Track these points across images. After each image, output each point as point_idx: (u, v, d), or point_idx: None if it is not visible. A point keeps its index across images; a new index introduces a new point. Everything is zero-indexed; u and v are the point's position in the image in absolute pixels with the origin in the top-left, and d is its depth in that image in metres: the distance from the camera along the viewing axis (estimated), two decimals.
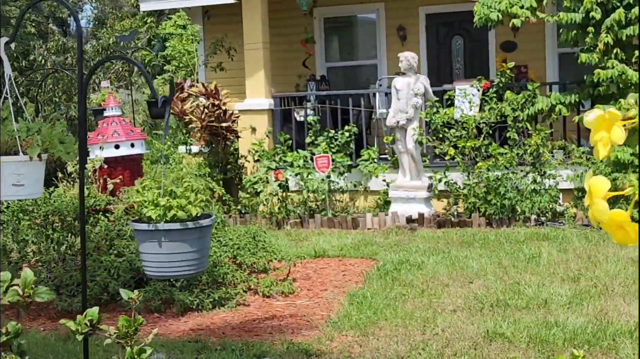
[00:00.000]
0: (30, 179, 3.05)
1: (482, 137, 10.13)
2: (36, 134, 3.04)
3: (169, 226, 3.13)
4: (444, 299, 6.33)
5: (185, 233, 3.14)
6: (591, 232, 8.88)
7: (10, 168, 2.97)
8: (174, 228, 3.14)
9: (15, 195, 3.14)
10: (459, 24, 13.37)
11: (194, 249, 3.11)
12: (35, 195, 3.27)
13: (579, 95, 10.12)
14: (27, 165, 3.01)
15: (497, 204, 9.58)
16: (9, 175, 2.95)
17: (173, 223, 3.15)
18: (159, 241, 3.04)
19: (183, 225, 3.13)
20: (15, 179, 2.97)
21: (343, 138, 10.97)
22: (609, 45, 9.64)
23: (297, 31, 13.86)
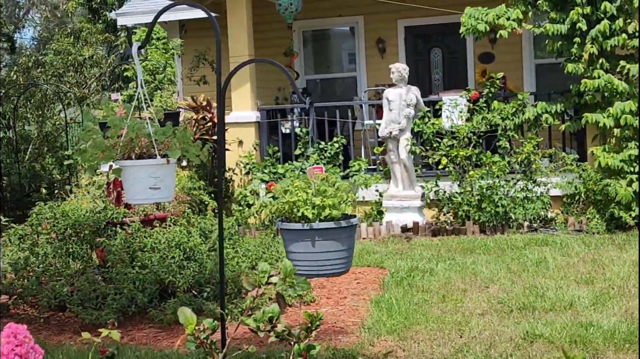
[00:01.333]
0: (165, 182, 3.05)
1: (472, 146, 10.32)
2: (172, 137, 3.04)
3: (324, 225, 3.15)
4: (467, 304, 6.44)
5: (338, 231, 3.18)
6: (586, 237, 9.12)
7: (147, 171, 2.97)
8: (329, 226, 3.16)
9: (152, 199, 3.14)
10: (437, 36, 13.62)
11: (344, 247, 3.15)
12: (168, 199, 3.27)
13: (564, 104, 10.38)
14: (163, 168, 3.01)
15: (490, 211, 9.76)
16: (146, 178, 2.95)
17: (327, 222, 3.18)
18: (313, 240, 3.07)
19: (337, 224, 3.17)
20: (152, 182, 2.96)
21: (333, 150, 11.06)
22: (594, 56, 9.93)
23: (276, 44, 13.94)
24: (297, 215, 3.09)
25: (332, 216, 3.03)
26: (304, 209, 3.05)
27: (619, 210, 9.35)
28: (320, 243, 2.96)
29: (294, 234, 3.08)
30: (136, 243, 6.70)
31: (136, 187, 2.97)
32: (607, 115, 9.77)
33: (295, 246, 3.14)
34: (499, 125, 10.40)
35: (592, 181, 9.61)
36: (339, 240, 2.98)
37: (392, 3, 12.61)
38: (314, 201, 3.09)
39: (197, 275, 6.50)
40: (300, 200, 3.13)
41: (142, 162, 3.02)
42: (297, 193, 3.17)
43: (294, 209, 3.12)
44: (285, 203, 3.24)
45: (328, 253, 2.98)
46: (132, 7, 14.44)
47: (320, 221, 3.02)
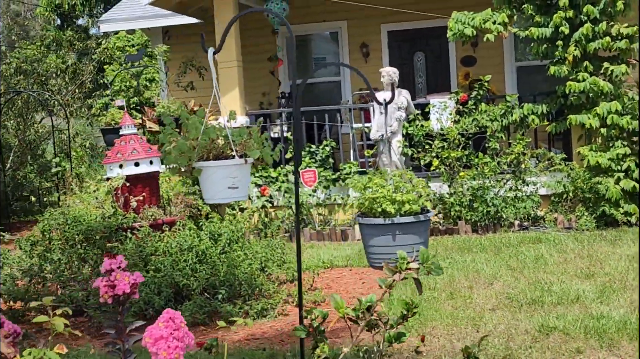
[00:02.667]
0: (242, 182, 3.15)
1: (460, 147, 10.52)
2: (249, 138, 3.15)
3: (404, 220, 3.28)
4: (476, 300, 6.61)
5: (416, 225, 3.31)
6: (577, 234, 9.36)
7: (227, 171, 3.07)
8: (409, 221, 3.29)
9: (230, 197, 3.24)
10: (420, 41, 13.82)
11: (422, 240, 3.28)
12: (244, 197, 3.36)
13: (549, 106, 10.63)
14: (241, 168, 3.11)
15: (482, 211, 9.96)
16: (225, 178, 3.05)
17: (407, 216, 3.31)
18: (393, 234, 3.19)
19: (416, 218, 3.29)
20: (230, 182, 3.06)
21: (324, 153, 11.19)
22: (578, 58, 10.19)
23: (259, 50, 14.04)
24: (378, 211, 3.20)
25: (412, 210, 3.15)
26: (385, 204, 3.17)
27: (610, 207, 9.61)
28: (400, 236, 3.08)
29: (375, 229, 3.20)
30: (148, 247, 6.77)
31: (216, 187, 3.07)
32: (593, 115, 10.03)
33: (376, 241, 3.26)
34: (487, 127, 10.61)
35: (581, 180, 9.86)
36: (417, 233, 3.11)
37: (375, 8, 12.80)
38: (394, 197, 3.20)
39: (211, 278, 6.60)
40: (381, 196, 3.24)
41: (222, 162, 3.12)
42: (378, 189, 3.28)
43: (374, 205, 3.23)
44: (366, 199, 3.35)
45: (407, 246, 3.09)
46: (115, 14, 14.47)
47: (400, 215, 3.13)
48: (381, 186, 3.29)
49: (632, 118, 9.90)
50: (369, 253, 3.41)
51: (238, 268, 6.76)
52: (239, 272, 6.70)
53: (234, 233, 7.21)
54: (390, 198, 3.18)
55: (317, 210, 11.14)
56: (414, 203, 3.18)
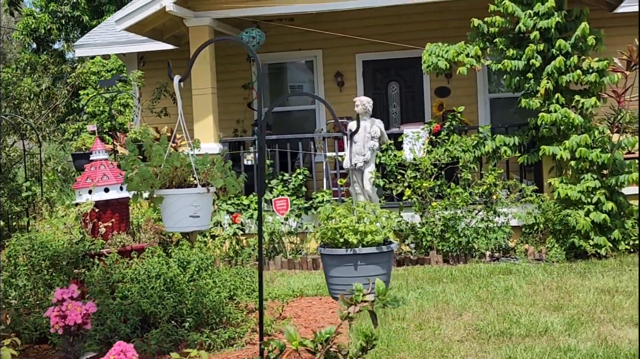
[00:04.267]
0: (204, 211, 3.12)
1: (433, 177, 10.56)
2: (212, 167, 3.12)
3: (366, 250, 3.26)
4: (445, 331, 6.59)
5: (379, 256, 3.28)
6: (547, 266, 9.40)
7: (188, 199, 3.04)
8: (371, 251, 3.27)
9: (192, 227, 3.19)
10: (394, 71, 13.90)
11: (384, 271, 3.25)
12: (206, 227, 3.32)
13: (521, 137, 10.72)
14: (203, 197, 3.08)
15: (454, 241, 9.98)
16: (186, 207, 3.02)
17: (370, 247, 3.28)
18: (355, 265, 3.17)
19: (379, 248, 3.27)
20: (192, 211, 3.03)
21: (297, 181, 11.18)
22: (550, 90, 10.31)
23: (234, 77, 14.06)
24: (340, 241, 3.17)
25: (375, 241, 3.12)
26: (347, 235, 3.14)
27: (579, 239, 9.67)
28: (362, 267, 3.05)
29: (336, 259, 3.17)
30: (116, 274, 6.70)
31: (177, 215, 3.04)
32: (563, 147, 10.12)
33: (337, 271, 3.23)
34: (459, 158, 10.67)
35: (551, 212, 9.92)
36: (380, 264, 3.08)
37: (350, 37, 12.88)
38: (357, 227, 3.18)
39: (179, 306, 6.53)
40: (343, 226, 3.22)
41: (184, 190, 3.09)
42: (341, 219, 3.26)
43: (336, 235, 3.20)
44: (328, 230, 3.32)
45: (369, 277, 3.06)
46: (90, 39, 14.44)
47: (363, 246, 3.11)
48: (344, 217, 3.27)
49: (601, 152, 10.00)
50: (330, 284, 3.38)
51: (206, 296, 6.69)
52: (207, 300, 6.63)
53: (203, 260, 7.15)
54: (353, 229, 3.16)
55: (289, 239, 11.10)
56: (376, 234, 3.16)
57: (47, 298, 6.64)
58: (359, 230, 3.15)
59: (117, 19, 11.60)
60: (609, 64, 10.14)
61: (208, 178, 3.15)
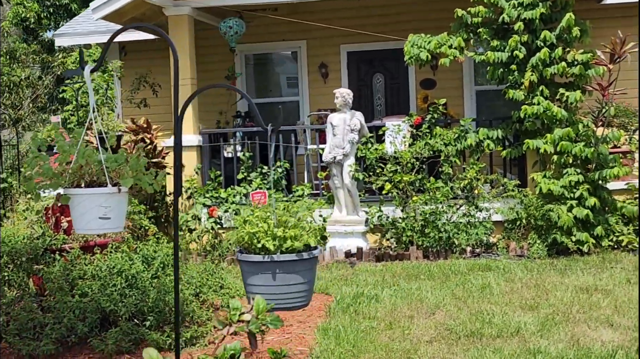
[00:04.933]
0: (115, 212, 2.91)
1: (415, 171, 10.35)
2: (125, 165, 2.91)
3: (285, 257, 3.04)
4: (414, 331, 6.40)
5: (299, 263, 3.07)
6: (528, 262, 9.21)
7: (97, 200, 2.83)
8: (290, 259, 3.05)
9: (101, 229, 2.99)
10: (379, 62, 13.71)
11: (305, 280, 3.03)
12: (118, 229, 3.12)
13: (505, 131, 10.51)
14: (114, 197, 2.88)
15: (434, 237, 9.78)
16: (96, 208, 2.81)
17: (289, 254, 3.07)
18: (273, 273, 2.95)
19: (299, 256, 3.05)
20: (102, 212, 2.83)
21: (276, 174, 10.97)
22: (534, 83, 10.09)
23: (217, 67, 13.83)
24: (257, 246, 2.95)
25: (294, 247, 2.90)
26: (264, 240, 2.93)
27: (561, 235, 9.47)
28: (281, 276, 2.83)
29: (253, 266, 2.95)
30: (76, 270, 6.49)
31: (86, 217, 2.83)
32: (546, 141, 9.91)
33: (254, 279, 3.01)
34: (441, 151, 10.46)
35: (534, 207, 9.73)
36: (300, 273, 2.86)
37: (334, 28, 12.66)
38: (275, 232, 2.96)
39: (140, 303, 6.32)
40: (260, 231, 3.00)
41: (92, 190, 2.89)
42: (258, 223, 3.04)
43: (253, 240, 2.99)
44: (245, 234, 3.10)
45: (289, 286, 2.85)
46: (71, 28, 14.20)
47: (281, 253, 2.89)
48: (262, 220, 3.06)
49: (585, 146, 9.79)
50: (248, 293, 3.17)
51: (169, 293, 6.48)
52: (170, 298, 6.42)
53: (168, 256, 6.93)
54: (271, 234, 2.94)
55: None
56: (297, 239, 2.94)
57: (5, 295, 6.43)
58: (277, 235, 2.93)
59: (94, 7, 11.35)
60: (593, 57, 9.92)
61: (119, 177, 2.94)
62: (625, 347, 5.64)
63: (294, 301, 3.07)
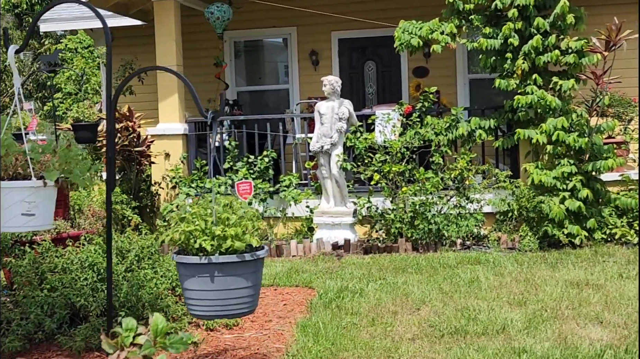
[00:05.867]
0: (41, 208, 2.67)
1: (405, 161, 10.12)
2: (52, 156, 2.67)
3: (224, 259, 2.79)
4: (397, 328, 6.17)
5: (241, 266, 2.82)
6: (519, 255, 8.98)
7: (20, 195, 2.58)
8: (231, 260, 2.80)
9: (25, 226, 2.74)
10: (371, 49, 13.46)
11: (249, 284, 2.79)
12: (46, 226, 2.89)
13: (497, 120, 10.27)
14: (39, 191, 2.63)
15: (423, 229, 9.55)
16: (18, 204, 2.57)
17: (229, 255, 2.82)
18: (212, 276, 2.71)
19: (240, 257, 2.81)
20: (25, 208, 2.59)
21: (262, 164, 10.75)
22: (526, 71, 9.84)
23: (206, 54, 13.59)
24: (194, 247, 2.74)
25: (235, 248, 2.69)
26: (201, 240, 2.71)
27: (553, 228, 9.24)
28: (220, 279, 2.60)
29: (189, 268, 2.72)
30: (46, 263, 6.26)
31: (8, 213, 2.58)
32: (539, 131, 9.67)
33: (191, 283, 2.78)
34: (432, 141, 10.22)
35: (525, 199, 9.49)
36: (243, 276, 2.64)
37: (325, 15, 12.39)
38: (213, 231, 2.75)
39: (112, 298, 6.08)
40: (197, 230, 2.78)
41: (12, 183, 2.63)
42: (195, 221, 2.82)
43: (190, 240, 2.77)
44: (181, 233, 2.88)
45: (230, 291, 2.62)
46: (56, 14, 13.91)
47: (220, 254, 2.66)
48: (200, 218, 2.84)
49: (579, 136, 9.55)
50: (186, 298, 2.94)
51: (144, 287, 6.26)
52: (144, 293, 6.20)
53: (144, 249, 6.70)
54: (209, 232, 2.73)
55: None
56: (237, 239, 2.73)
57: None
58: (215, 234, 2.72)
59: None
60: (587, 44, 9.66)
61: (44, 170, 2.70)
62: (614, 346, 5.42)
63: (236, 308, 2.83)
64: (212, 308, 2.93)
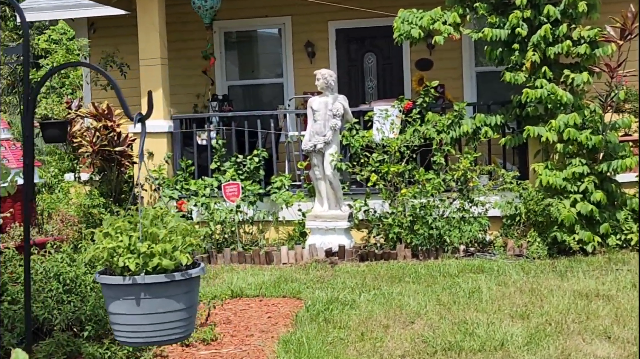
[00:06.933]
0: None
1: (405, 161, 9.99)
2: None
3: (151, 279, 2.68)
4: (388, 343, 6.06)
5: (171, 286, 2.70)
6: (526, 263, 8.85)
7: None
8: (158, 281, 2.69)
9: None
10: (371, 41, 13.35)
11: (181, 307, 2.67)
12: None
13: (504, 116, 10.14)
14: None
15: (424, 234, 9.44)
16: None
17: (157, 275, 2.71)
18: (137, 299, 2.59)
19: (169, 277, 2.69)
20: None
21: (252, 164, 10.64)
22: (536, 64, 9.70)
23: (195, 46, 13.47)
24: (119, 266, 2.62)
25: (163, 267, 2.56)
26: (125, 258, 2.59)
27: (562, 233, 9.10)
28: (147, 302, 2.47)
29: (113, 290, 2.59)
30: (7, 273, 6.15)
31: None
32: (549, 128, 9.53)
33: (116, 306, 2.65)
34: (434, 139, 10.10)
35: (533, 201, 9.35)
36: (174, 298, 2.50)
37: (322, 3, 12.28)
38: (139, 247, 2.63)
39: (78, 311, 5.99)
40: (121, 246, 2.66)
41: None
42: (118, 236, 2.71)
43: (114, 257, 2.66)
44: (102, 250, 2.75)
45: (159, 314, 2.49)
46: (35, 2, 13.83)
47: (147, 273, 2.54)
48: (125, 233, 2.73)
49: (592, 133, 9.40)
50: (111, 323, 2.82)
51: None
52: None
53: None
54: (134, 249, 2.61)
55: (244, 228, 10.55)
56: (165, 256, 2.59)
57: None
58: (141, 250, 2.60)
59: None
60: (601, 33, 9.51)
61: None
62: None
63: (166, 334, 2.70)
64: (139, 333, 2.80)
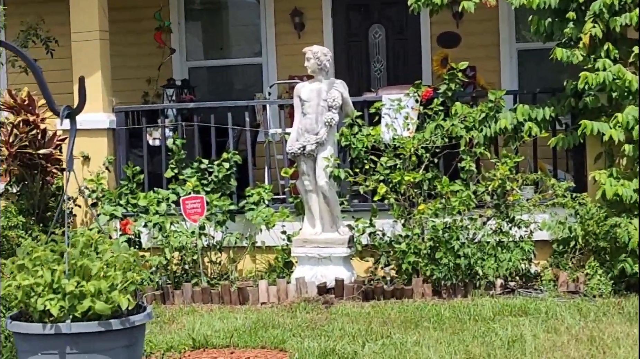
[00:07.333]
0: None
1: (423, 167, 10.06)
2: None
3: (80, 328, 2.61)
4: None
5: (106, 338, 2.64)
6: (583, 302, 8.97)
7: None
8: (90, 330, 2.63)
9: None
10: (378, 9, 13.49)
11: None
12: None
13: (555, 109, 10.21)
14: None
15: (448, 264, 9.51)
16: None
17: (87, 323, 2.64)
18: (62, 353, 2.53)
19: (104, 325, 2.63)
20: None
21: (221, 172, 10.74)
22: (597, 39, 9.76)
23: (145, 15, 13.64)
24: (37, 309, 2.53)
25: (97, 312, 2.48)
26: (46, 299, 2.51)
27: (633, 263, 9.17)
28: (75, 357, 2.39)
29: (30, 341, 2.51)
30: None
31: None
32: (614, 124, 9.58)
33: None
34: (462, 138, 10.15)
35: (594, 221, 9.44)
36: (110, 353, 2.42)
37: None
38: (64, 286, 2.55)
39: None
40: (40, 284, 2.58)
41: None
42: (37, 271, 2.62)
43: (31, 298, 2.57)
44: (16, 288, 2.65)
45: None
46: None
47: (75, 320, 2.46)
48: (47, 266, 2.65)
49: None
50: None
51: None
52: None
53: None
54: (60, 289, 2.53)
55: (211, 256, 10.57)
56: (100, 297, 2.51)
57: None
58: (67, 290, 2.53)
59: None
60: None
61: None
62: None
63: None
64: None
